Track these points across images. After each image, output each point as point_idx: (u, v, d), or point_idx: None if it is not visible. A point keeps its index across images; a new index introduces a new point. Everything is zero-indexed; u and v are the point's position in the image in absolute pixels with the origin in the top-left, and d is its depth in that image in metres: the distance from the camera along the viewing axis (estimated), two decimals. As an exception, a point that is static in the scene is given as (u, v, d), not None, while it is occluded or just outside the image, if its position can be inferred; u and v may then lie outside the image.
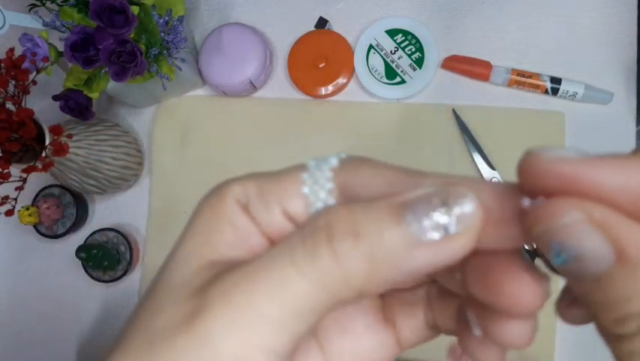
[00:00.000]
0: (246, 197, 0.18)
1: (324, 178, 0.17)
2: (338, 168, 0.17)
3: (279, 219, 0.17)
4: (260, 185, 0.18)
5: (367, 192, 0.16)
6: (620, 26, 0.59)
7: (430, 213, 0.14)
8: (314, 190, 0.17)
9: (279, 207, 0.17)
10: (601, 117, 0.59)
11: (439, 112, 0.60)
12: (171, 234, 0.69)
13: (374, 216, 0.15)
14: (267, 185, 0.17)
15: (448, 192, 0.14)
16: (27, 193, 0.57)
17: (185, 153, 0.63)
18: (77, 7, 0.50)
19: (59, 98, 0.53)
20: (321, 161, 0.17)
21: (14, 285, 0.65)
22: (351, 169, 0.17)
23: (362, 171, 0.17)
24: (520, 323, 0.16)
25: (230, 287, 0.15)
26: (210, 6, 0.66)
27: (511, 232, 0.14)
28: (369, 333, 0.20)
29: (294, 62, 0.62)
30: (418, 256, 0.14)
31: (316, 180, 0.17)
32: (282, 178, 0.18)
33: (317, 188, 0.17)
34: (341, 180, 0.17)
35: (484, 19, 0.61)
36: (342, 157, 0.17)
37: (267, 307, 0.15)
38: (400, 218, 0.14)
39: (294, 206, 0.17)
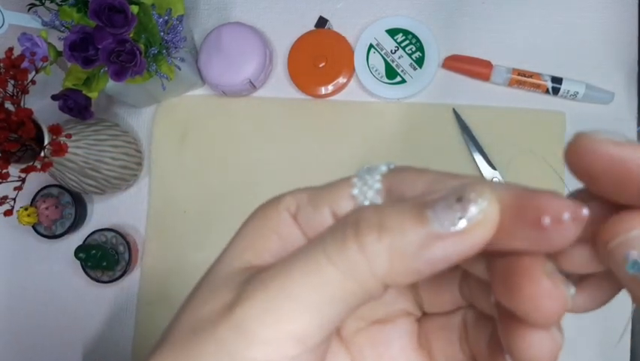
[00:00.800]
0: (297, 206, 0.18)
1: (372, 180, 0.18)
2: (386, 173, 0.18)
3: (327, 222, 0.18)
4: (312, 192, 0.19)
5: (411, 193, 0.17)
6: (621, 26, 0.59)
7: (448, 210, 0.15)
8: (363, 191, 0.18)
9: (328, 210, 0.18)
10: (602, 117, 0.58)
11: (439, 112, 0.60)
12: (170, 234, 0.69)
13: (398, 213, 0.16)
14: (319, 191, 0.18)
15: (465, 189, 0.15)
16: (26, 193, 0.57)
17: (185, 153, 0.63)
18: (76, 7, 0.50)
19: (58, 98, 0.53)
20: (372, 168, 0.18)
21: (13, 285, 0.65)
22: (398, 173, 0.18)
23: (407, 174, 0.18)
24: (543, 335, 0.16)
25: (267, 278, 0.16)
26: (210, 5, 0.65)
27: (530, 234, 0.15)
28: (403, 357, 0.20)
29: (294, 62, 0.62)
30: (435, 248, 0.15)
31: (365, 182, 0.18)
32: (333, 184, 0.18)
33: (366, 189, 0.18)
34: (388, 182, 0.18)
35: (484, 18, 0.61)
36: (392, 166, 0.18)
37: (299, 292, 0.16)
38: (420, 214, 0.15)
39: (343, 207, 0.18)
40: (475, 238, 0.15)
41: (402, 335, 0.21)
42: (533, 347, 0.16)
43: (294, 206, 0.18)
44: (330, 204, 0.18)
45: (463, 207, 0.15)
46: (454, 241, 0.15)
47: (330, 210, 0.18)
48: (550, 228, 0.14)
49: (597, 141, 0.14)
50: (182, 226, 0.62)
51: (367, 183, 0.18)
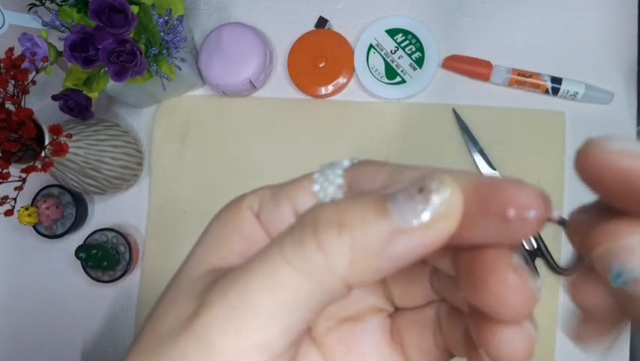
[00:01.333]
0: (259, 205, 0.18)
1: (333, 175, 0.17)
2: (348, 168, 0.17)
3: (289, 219, 0.17)
4: (274, 189, 0.18)
5: (370, 187, 0.16)
6: (621, 26, 0.59)
7: (409, 202, 0.14)
8: (324, 187, 0.17)
9: (289, 207, 0.17)
10: (601, 117, 0.58)
11: (439, 112, 0.60)
12: (171, 234, 0.69)
13: (358, 208, 0.15)
14: (281, 188, 0.18)
15: (426, 179, 0.14)
16: (26, 193, 0.57)
17: (185, 153, 0.63)
18: (77, 7, 0.50)
19: (59, 98, 0.53)
20: (335, 163, 0.18)
21: (13, 285, 0.65)
22: (358, 167, 0.17)
23: (367, 167, 0.17)
24: (514, 331, 0.15)
25: (226, 285, 0.16)
26: (210, 6, 0.65)
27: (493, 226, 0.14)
28: (376, 354, 0.20)
29: (294, 62, 0.62)
30: (399, 243, 0.14)
31: (326, 177, 0.17)
32: (295, 180, 0.18)
33: (326, 184, 0.17)
34: (349, 177, 0.17)
35: (484, 18, 0.61)
36: (355, 161, 0.18)
37: (258, 299, 0.15)
38: (381, 208, 0.14)
39: (305, 204, 0.17)
40: (439, 230, 0.14)
41: (374, 332, 0.20)
42: (505, 343, 0.15)
43: (257, 204, 0.18)
44: (291, 201, 0.17)
45: (425, 197, 0.14)
46: (418, 235, 0.14)
47: (291, 207, 0.17)
48: (514, 220, 0.14)
49: (609, 153, 0.14)
50: (182, 225, 0.62)
51: (328, 178, 0.17)
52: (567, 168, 0.58)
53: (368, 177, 0.17)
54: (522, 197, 0.14)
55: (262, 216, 0.18)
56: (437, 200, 0.14)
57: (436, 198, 0.14)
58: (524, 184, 0.14)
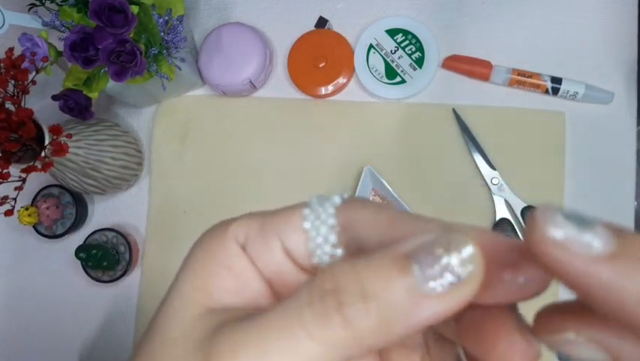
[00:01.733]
0: (245, 236, 0.17)
1: (325, 214, 0.17)
2: (340, 207, 0.17)
3: (278, 256, 0.17)
4: (260, 222, 0.18)
5: (368, 232, 0.16)
6: (621, 26, 0.59)
7: (434, 264, 0.14)
8: (315, 225, 0.17)
9: (278, 243, 0.17)
10: (601, 117, 0.58)
11: (439, 112, 0.60)
12: (171, 234, 0.69)
13: (381, 274, 0.14)
14: (268, 220, 0.17)
15: (449, 239, 0.14)
16: (26, 193, 0.57)
17: (185, 153, 0.63)
18: (77, 7, 0.50)
19: (59, 98, 0.53)
20: (324, 198, 0.18)
21: (13, 285, 0.65)
22: (353, 208, 0.17)
23: (364, 211, 0.17)
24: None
25: (238, 346, 0.15)
26: (210, 6, 0.65)
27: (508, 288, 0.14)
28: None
29: (294, 62, 0.62)
30: (425, 308, 0.14)
31: (318, 215, 0.17)
32: (283, 213, 0.17)
33: (318, 223, 0.17)
34: (343, 218, 0.17)
35: (484, 18, 0.61)
36: (345, 197, 0.18)
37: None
38: (405, 272, 0.14)
39: (294, 242, 0.17)
40: (463, 294, 0.14)
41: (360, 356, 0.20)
42: None
43: (243, 236, 0.17)
44: (280, 236, 0.17)
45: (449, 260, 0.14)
46: (443, 299, 0.14)
47: (280, 243, 0.17)
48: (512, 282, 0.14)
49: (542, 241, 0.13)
50: (182, 225, 0.62)
51: (320, 216, 0.17)
52: (567, 168, 0.58)
53: (364, 222, 0.17)
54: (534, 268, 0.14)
55: (249, 250, 0.17)
56: (462, 264, 0.14)
57: (461, 262, 0.14)
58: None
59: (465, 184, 0.59)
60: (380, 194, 0.59)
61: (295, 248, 0.17)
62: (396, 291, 0.14)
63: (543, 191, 0.58)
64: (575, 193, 0.58)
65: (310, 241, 0.17)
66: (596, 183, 0.58)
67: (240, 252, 0.17)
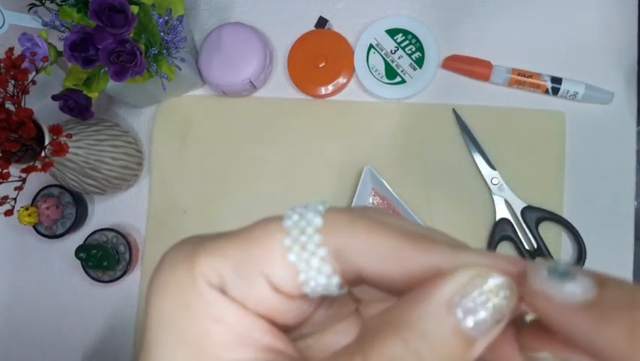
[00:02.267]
0: (219, 277, 0.15)
1: (312, 244, 0.15)
2: (324, 228, 0.15)
3: (266, 293, 0.15)
4: (233, 257, 0.15)
5: (367, 261, 0.15)
6: (621, 26, 0.59)
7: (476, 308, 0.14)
8: (303, 258, 0.15)
9: (263, 280, 0.15)
10: (602, 117, 0.58)
11: (439, 112, 0.60)
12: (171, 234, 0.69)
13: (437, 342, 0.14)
14: (243, 256, 0.15)
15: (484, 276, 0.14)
16: (26, 193, 0.57)
17: (185, 153, 0.63)
18: (77, 7, 0.50)
19: (59, 98, 0.53)
20: (301, 220, 0.16)
21: (13, 285, 0.65)
22: (341, 232, 0.15)
23: (355, 236, 0.15)
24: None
25: None
26: (210, 6, 0.65)
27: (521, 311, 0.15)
28: None
29: (294, 62, 0.62)
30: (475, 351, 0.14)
31: (303, 245, 0.15)
32: (259, 244, 0.15)
33: (307, 256, 0.15)
34: (333, 244, 0.15)
35: (484, 18, 0.61)
36: (323, 211, 0.16)
37: None
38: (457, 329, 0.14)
39: (281, 276, 0.15)
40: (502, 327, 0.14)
41: None
42: None
43: (216, 278, 0.15)
44: (263, 273, 0.15)
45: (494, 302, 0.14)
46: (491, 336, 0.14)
47: (265, 280, 0.15)
48: None
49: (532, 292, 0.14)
50: (182, 225, 0.62)
51: (306, 247, 0.15)
52: (567, 168, 0.58)
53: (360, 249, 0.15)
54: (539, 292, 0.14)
55: (232, 293, 0.15)
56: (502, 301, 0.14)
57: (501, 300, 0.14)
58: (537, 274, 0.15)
59: (465, 184, 0.59)
60: (380, 194, 0.59)
61: (282, 282, 0.15)
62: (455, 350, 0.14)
63: (543, 191, 0.58)
64: (574, 193, 0.58)
65: (301, 273, 0.15)
66: (596, 183, 0.58)
67: (223, 298, 0.15)
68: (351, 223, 0.15)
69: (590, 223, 0.57)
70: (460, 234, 0.62)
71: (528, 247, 0.57)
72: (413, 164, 0.60)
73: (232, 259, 0.15)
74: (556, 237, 0.57)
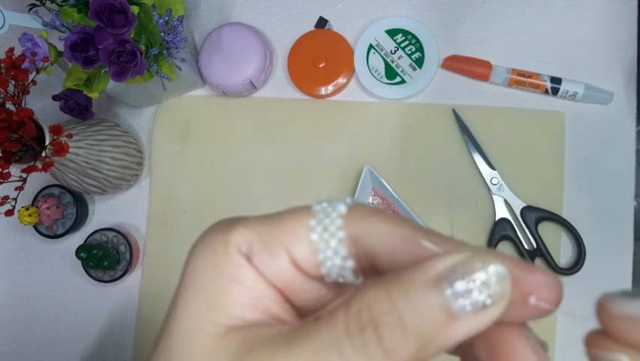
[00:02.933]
0: (248, 246, 0.17)
1: (333, 226, 0.17)
2: (347, 216, 0.17)
3: (286, 267, 0.17)
4: (263, 231, 0.17)
5: (381, 246, 0.16)
6: (620, 26, 0.59)
7: (467, 285, 0.15)
8: (324, 238, 0.17)
9: (285, 254, 0.17)
10: (601, 117, 0.59)
11: (439, 112, 0.60)
12: (171, 234, 0.69)
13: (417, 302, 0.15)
14: (271, 231, 0.17)
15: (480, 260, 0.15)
16: (27, 193, 0.57)
17: (185, 153, 0.63)
18: (77, 7, 0.50)
19: (59, 98, 0.53)
20: (328, 206, 0.17)
21: (14, 285, 0.65)
22: (363, 220, 0.17)
23: (375, 224, 0.17)
24: None
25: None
26: (210, 6, 0.65)
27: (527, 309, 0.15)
28: None
29: (294, 62, 0.62)
30: (459, 329, 0.15)
31: (325, 227, 0.17)
32: (286, 223, 0.17)
33: (327, 236, 0.17)
34: (352, 230, 0.17)
35: (484, 18, 0.61)
36: (349, 203, 0.17)
37: None
38: (441, 296, 0.15)
39: (302, 253, 0.17)
40: (495, 314, 0.15)
41: None
42: None
43: (245, 246, 0.17)
44: (286, 247, 0.17)
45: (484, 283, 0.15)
46: (476, 319, 0.15)
47: (287, 256, 0.17)
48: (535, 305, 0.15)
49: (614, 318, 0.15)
50: (182, 225, 0.62)
51: (328, 228, 0.17)
52: (567, 168, 0.58)
53: (377, 236, 0.17)
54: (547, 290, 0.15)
55: (256, 261, 0.17)
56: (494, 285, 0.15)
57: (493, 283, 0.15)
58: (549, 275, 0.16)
59: (464, 184, 0.59)
60: (380, 194, 0.59)
61: (302, 259, 0.17)
62: (434, 317, 0.15)
63: (543, 191, 0.58)
64: (574, 193, 0.58)
65: (319, 252, 0.17)
66: (596, 183, 0.58)
67: (247, 265, 0.17)
68: (372, 214, 0.17)
69: (590, 223, 0.57)
70: (459, 234, 0.62)
71: (527, 247, 0.57)
72: (413, 164, 0.60)
73: (261, 232, 0.17)
74: (556, 237, 0.57)
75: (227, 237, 0.17)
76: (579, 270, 0.56)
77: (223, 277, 0.17)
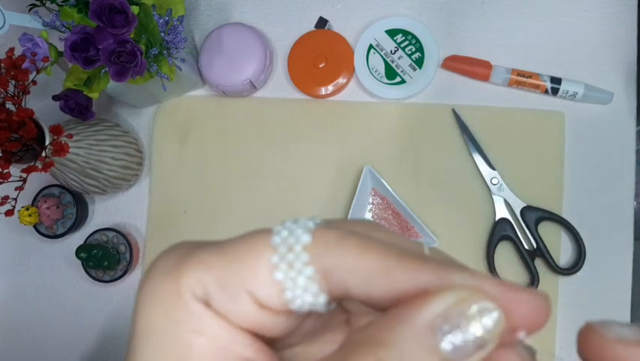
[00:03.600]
0: (204, 290, 0.15)
1: (299, 262, 0.15)
2: (312, 246, 0.15)
3: (251, 309, 0.15)
4: (219, 271, 0.15)
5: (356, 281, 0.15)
6: (620, 26, 0.59)
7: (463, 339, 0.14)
8: (290, 276, 0.15)
9: (248, 297, 0.15)
10: (601, 117, 0.59)
11: (439, 112, 0.60)
12: (171, 234, 0.69)
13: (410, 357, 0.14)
14: (228, 271, 0.15)
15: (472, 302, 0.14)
16: (27, 193, 0.57)
17: (185, 153, 0.63)
18: (77, 7, 0.50)
19: (59, 98, 0.53)
20: (290, 236, 0.15)
21: (14, 285, 0.65)
22: (330, 251, 0.15)
23: (345, 254, 0.15)
24: None
25: None
26: (210, 6, 0.66)
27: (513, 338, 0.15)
28: None
29: (294, 62, 0.62)
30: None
31: (290, 263, 0.15)
32: (245, 261, 0.15)
33: (294, 274, 0.15)
34: (321, 263, 0.15)
35: (484, 18, 0.61)
36: (314, 228, 0.16)
37: None
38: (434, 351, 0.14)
39: (267, 294, 0.15)
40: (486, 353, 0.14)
41: None
42: None
43: (201, 290, 0.15)
44: (249, 291, 0.15)
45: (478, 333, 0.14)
46: None
47: (248, 296, 0.15)
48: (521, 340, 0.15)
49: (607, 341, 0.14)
50: (182, 225, 0.63)
51: (293, 265, 0.15)
52: (566, 168, 0.58)
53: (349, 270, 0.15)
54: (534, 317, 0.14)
55: (216, 308, 0.15)
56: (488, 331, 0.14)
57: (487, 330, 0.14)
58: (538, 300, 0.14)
59: (464, 184, 0.59)
60: (380, 194, 0.59)
61: (268, 300, 0.15)
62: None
63: (542, 191, 0.58)
64: (574, 193, 0.58)
65: (287, 291, 0.15)
66: (596, 183, 0.58)
67: (208, 312, 0.15)
68: (339, 242, 0.15)
69: (590, 223, 0.57)
70: (460, 234, 0.62)
71: (527, 247, 0.57)
72: (413, 164, 0.60)
73: (217, 273, 0.15)
74: (556, 237, 0.57)
75: (178, 282, 0.15)
76: (579, 270, 0.56)
77: (183, 332, 0.15)
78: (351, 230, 0.16)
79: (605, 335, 0.14)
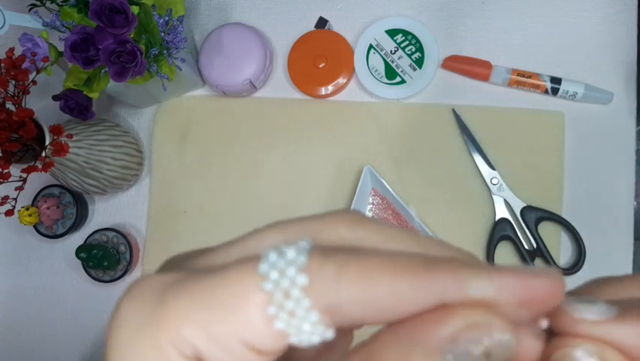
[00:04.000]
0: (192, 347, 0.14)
1: (301, 309, 0.13)
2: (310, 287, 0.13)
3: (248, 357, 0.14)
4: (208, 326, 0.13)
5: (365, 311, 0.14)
6: (620, 26, 0.59)
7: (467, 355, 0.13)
8: (293, 324, 0.13)
9: (244, 347, 0.14)
10: (601, 117, 0.59)
11: (439, 112, 0.60)
12: (171, 234, 0.69)
13: None
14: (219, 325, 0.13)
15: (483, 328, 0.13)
16: (27, 193, 0.57)
17: (185, 154, 0.63)
18: (77, 7, 0.50)
19: (59, 98, 0.53)
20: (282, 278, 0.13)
21: (14, 285, 0.65)
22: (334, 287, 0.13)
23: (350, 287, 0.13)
24: None
25: None
26: (210, 6, 0.65)
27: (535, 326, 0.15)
28: None
29: (294, 62, 0.62)
30: None
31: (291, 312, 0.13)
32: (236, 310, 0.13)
33: (296, 322, 0.13)
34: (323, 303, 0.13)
35: (484, 19, 0.61)
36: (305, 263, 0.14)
37: None
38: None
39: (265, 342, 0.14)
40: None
41: None
42: None
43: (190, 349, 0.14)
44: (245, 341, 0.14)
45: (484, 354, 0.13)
46: None
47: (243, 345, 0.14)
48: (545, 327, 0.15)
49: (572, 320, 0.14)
50: (182, 225, 0.63)
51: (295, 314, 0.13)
52: (566, 168, 0.58)
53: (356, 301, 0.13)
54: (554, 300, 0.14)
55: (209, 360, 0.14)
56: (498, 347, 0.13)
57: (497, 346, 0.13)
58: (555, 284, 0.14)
59: (464, 184, 0.59)
60: (380, 194, 0.59)
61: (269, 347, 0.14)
62: None
63: (542, 191, 0.58)
64: (574, 193, 0.58)
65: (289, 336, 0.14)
66: (596, 183, 0.58)
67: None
68: (340, 276, 0.13)
69: (590, 223, 0.57)
70: (460, 234, 0.62)
71: (527, 247, 0.57)
72: (413, 164, 0.60)
73: (207, 328, 0.13)
74: (556, 237, 0.57)
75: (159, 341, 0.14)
76: (579, 270, 0.56)
77: None
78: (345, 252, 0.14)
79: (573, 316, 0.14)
